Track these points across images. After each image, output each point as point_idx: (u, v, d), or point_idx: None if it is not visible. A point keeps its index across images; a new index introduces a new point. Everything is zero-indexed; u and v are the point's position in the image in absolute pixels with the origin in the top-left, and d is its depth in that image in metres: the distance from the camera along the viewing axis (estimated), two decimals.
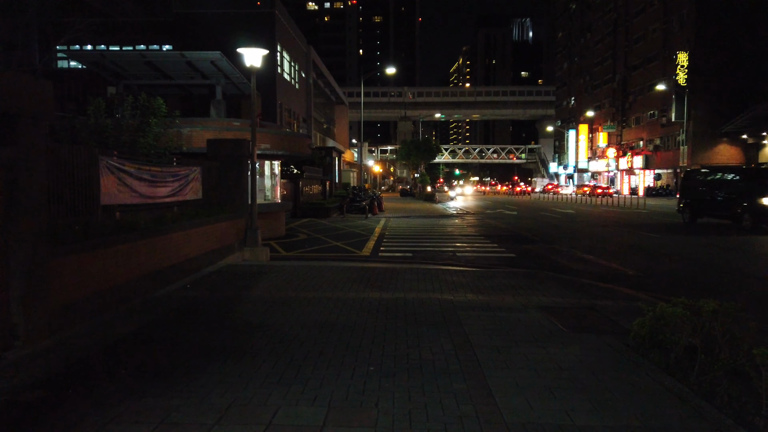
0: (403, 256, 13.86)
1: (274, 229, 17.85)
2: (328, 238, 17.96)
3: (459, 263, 12.48)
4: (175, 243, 8.89)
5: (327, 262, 12.01)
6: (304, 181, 30.25)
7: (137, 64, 17.68)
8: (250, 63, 12.36)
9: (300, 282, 9.16)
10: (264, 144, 16.04)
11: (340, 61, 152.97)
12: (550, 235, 19.50)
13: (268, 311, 7.10)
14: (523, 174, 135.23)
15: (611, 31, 77.83)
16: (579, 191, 71.73)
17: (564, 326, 6.46)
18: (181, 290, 8.36)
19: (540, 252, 14.89)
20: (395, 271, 10.46)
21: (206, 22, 33.75)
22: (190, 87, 20.52)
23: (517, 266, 12.04)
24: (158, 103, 12.86)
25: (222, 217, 11.39)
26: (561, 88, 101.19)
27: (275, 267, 10.89)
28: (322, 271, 10.36)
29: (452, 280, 9.57)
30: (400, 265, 11.82)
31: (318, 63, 56.80)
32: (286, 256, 13.72)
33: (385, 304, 7.58)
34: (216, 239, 10.94)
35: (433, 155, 68.90)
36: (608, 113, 78.86)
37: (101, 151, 7.60)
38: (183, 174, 10.34)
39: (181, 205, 10.45)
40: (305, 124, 53.28)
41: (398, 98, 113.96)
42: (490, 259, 13.48)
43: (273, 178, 18.13)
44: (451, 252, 14.67)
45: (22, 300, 5.27)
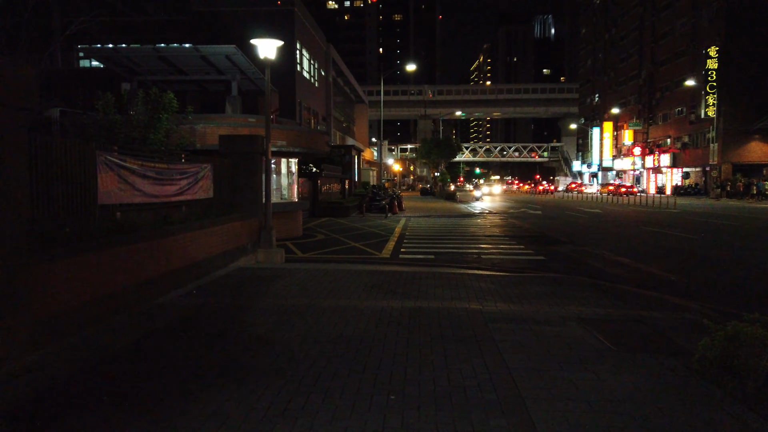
0: (424, 259, 13.11)
1: (291, 229, 17.24)
2: (346, 239, 17.30)
3: (485, 267, 11.70)
4: (181, 245, 8.28)
5: (344, 265, 11.32)
6: (322, 180, 29.65)
7: (151, 60, 17.20)
8: (264, 55, 11.74)
9: (314, 288, 8.48)
10: (280, 141, 15.43)
11: (360, 60, 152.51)
12: (579, 236, 18.57)
13: (278, 322, 6.42)
14: (545, 173, 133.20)
15: (637, 26, 75.90)
16: (603, 190, 70.05)
17: (612, 343, 5.66)
18: (185, 297, 7.74)
19: (571, 254, 14.02)
20: (417, 276, 9.73)
21: (225, 19, 33.36)
22: (206, 83, 20.01)
23: (548, 270, 11.21)
24: (169, 97, 12.29)
25: (234, 217, 10.77)
26: (584, 85, 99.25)
27: (289, 270, 10.24)
28: (339, 275, 9.67)
29: (479, 286, 8.80)
30: (421, 268, 11.08)
31: (338, 61, 56.27)
32: (301, 258, 13.07)
33: (407, 314, 6.85)
34: (227, 240, 10.33)
35: (453, 154, 67.89)
36: (634, 110, 76.96)
37: (99, 145, 7.00)
38: (192, 172, 9.74)
39: (189, 204, 9.85)
40: (325, 123, 52.81)
41: (418, 96, 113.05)
42: (518, 262, 12.66)
43: (290, 176, 17.51)
44: (475, 254, 13.88)
45: None
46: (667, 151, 66.69)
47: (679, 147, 64.45)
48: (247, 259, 11.41)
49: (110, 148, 7.35)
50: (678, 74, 64.19)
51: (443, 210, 34.05)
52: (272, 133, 15.35)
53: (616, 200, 48.93)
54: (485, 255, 13.70)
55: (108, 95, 11.85)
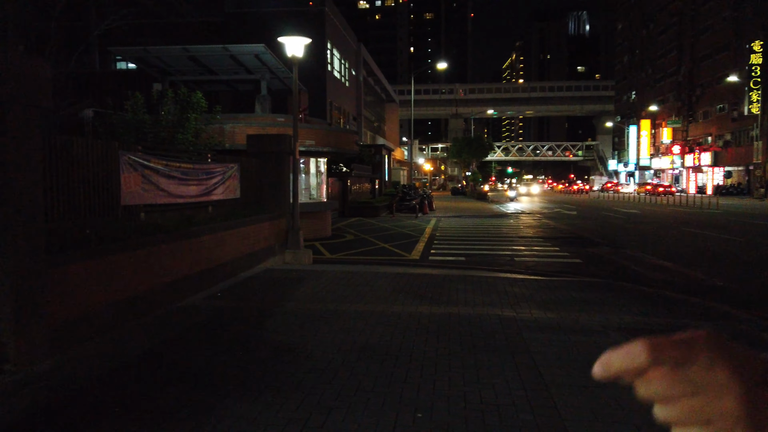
0: (455, 261, 12.74)
1: (319, 229, 17.06)
2: (375, 240, 17.03)
3: (518, 270, 11.27)
4: (206, 246, 8.12)
5: (373, 267, 11.05)
6: (352, 180, 29.48)
7: (182, 60, 17.25)
8: (291, 52, 11.55)
9: (341, 291, 8.22)
10: (308, 140, 15.26)
11: (391, 60, 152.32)
12: (617, 237, 17.89)
13: (302, 328, 6.18)
14: (579, 172, 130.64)
15: (676, 21, 73.62)
16: (640, 190, 68.16)
17: None
18: (209, 299, 7.57)
19: (609, 257, 13.44)
20: (447, 279, 9.38)
21: (256, 21, 33.61)
22: (235, 83, 20.01)
23: (585, 274, 10.72)
24: (197, 97, 12.23)
25: (261, 218, 10.61)
26: (621, 82, 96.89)
27: (316, 272, 10.01)
28: (367, 278, 9.39)
29: (512, 291, 8.40)
30: (452, 271, 10.72)
31: (368, 60, 56.17)
32: (329, 259, 12.86)
33: (436, 321, 6.52)
34: (254, 241, 10.17)
35: (485, 153, 67.07)
36: (672, 107, 74.69)
37: (122, 145, 6.88)
38: (218, 171, 9.60)
39: (216, 204, 9.72)
40: (355, 122, 52.77)
41: (449, 95, 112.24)
42: (553, 265, 12.18)
43: (318, 176, 17.34)
44: (508, 256, 13.44)
45: (13, 316, 4.53)
46: (708, 149, 64.48)
47: (720, 145, 62.21)
48: (274, 260, 11.24)
49: (134, 148, 7.23)
50: (719, 70, 61.98)
51: (475, 210, 33.52)
52: (300, 133, 15.19)
53: (654, 200, 47.48)
54: (518, 257, 13.25)
55: (137, 95, 11.85)
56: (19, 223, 4.52)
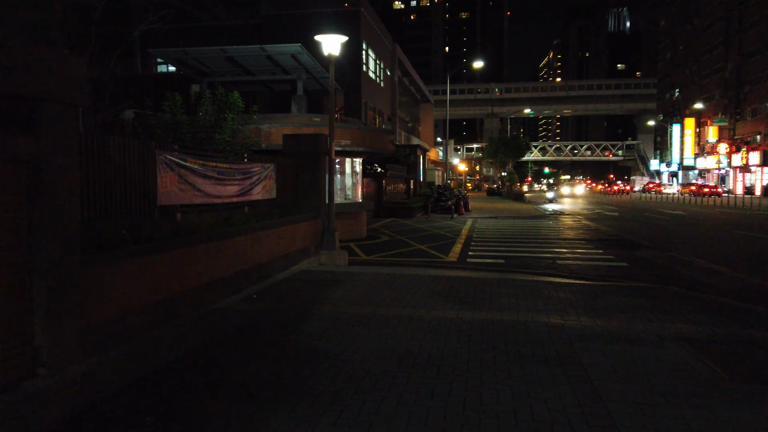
0: (494, 263, 12.37)
1: (355, 230, 16.89)
2: (411, 241, 16.76)
3: (561, 273, 10.83)
4: (242, 247, 8.01)
5: (409, 269, 10.79)
6: (387, 180, 29.28)
7: (219, 60, 17.34)
8: (327, 51, 11.40)
9: (378, 294, 7.98)
10: (344, 140, 15.10)
11: (426, 60, 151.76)
12: (664, 240, 17.16)
13: (339, 333, 5.96)
14: (618, 172, 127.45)
15: (722, 16, 70.95)
16: (684, 190, 65.96)
17: (726, 372, 4.81)
18: (244, 301, 7.44)
19: (656, 261, 12.84)
20: (487, 283, 9.04)
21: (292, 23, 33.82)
22: (272, 83, 20.00)
23: (634, 279, 10.22)
24: (234, 97, 12.20)
25: (297, 218, 10.47)
26: (663, 79, 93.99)
27: (352, 274, 9.81)
28: (404, 280, 9.13)
29: (557, 296, 8.02)
30: (492, 274, 10.37)
31: (403, 61, 55.94)
32: (365, 261, 12.65)
33: (479, 327, 6.22)
34: (290, 242, 10.03)
35: (522, 153, 65.96)
36: (719, 105, 71.99)
37: (159, 144, 6.80)
38: (255, 171, 9.49)
39: (252, 204, 9.62)
40: (390, 122, 52.62)
41: (485, 95, 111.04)
42: (598, 268, 11.68)
43: (354, 176, 17.17)
44: (550, 259, 12.98)
45: (47, 318, 4.44)
46: (756, 148, 61.85)
47: None
48: (309, 261, 11.09)
49: (171, 148, 7.15)
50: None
51: (511, 211, 32.89)
52: (336, 132, 15.04)
53: (700, 201, 45.77)
54: (561, 260, 12.77)
55: (176, 96, 11.88)
56: (54, 224, 4.43)
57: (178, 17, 33.82)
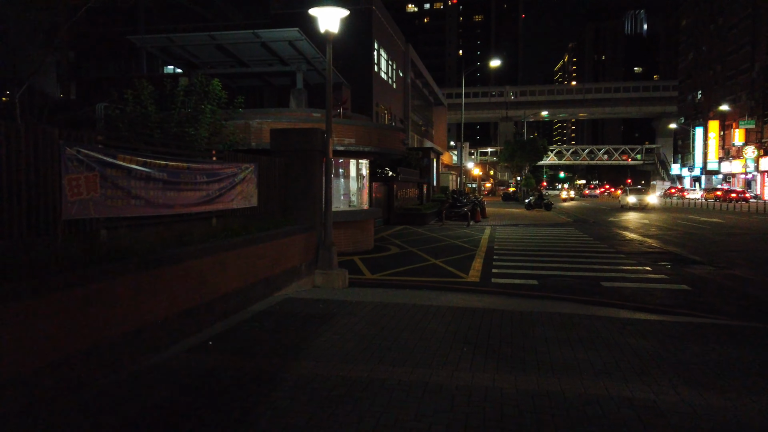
0: (525, 285, 10.23)
1: (360, 241, 14.84)
2: (424, 253, 14.67)
3: (613, 301, 8.67)
4: (198, 274, 5.98)
5: (422, 295, 8.69)
6: (398, 184, 27.24)
7: (209, 50, 15.39)
8: (325, 27, 9.40)
9: (379, 340, 5.89)
10: (347, 138, 13.08)
11: (440, 63, 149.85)
12: (713, 253, 14.88)
13: (312, 419, 3.89)
14: (636, 177, 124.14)
15: (749, 14, 68.10)
16: (709, 196, 63.15)
17: None
18: (194, 352, 5.38)
19: (719, 280, 10.63)
20: (525, 319, 6.91)
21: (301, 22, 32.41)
22: (270, 77, 18.03)
23: (706, 308, 8.04)
24: (214, 85, 10.26)
25: (284, 232, 8.43)
26: (685, 81, 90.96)
27: (350, 304, 7.72)
28: (415, 315, 7.02)
29: (626, 342, 5.87)
30: (526, 302, 8.24)
31: (417, 62, 54.11)
32: (369, 281, 10.57)
33: (528, 408, 4.10)
34: (272, 262, 7.99)
35: (539, 156, 63.55)
36: (745, 107, 69.00)
37: (65, 134, 4.78)
38: (226, 174, 7.47)
39: (223, 215, 7.60)
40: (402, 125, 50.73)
41: (499, 98, 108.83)
42: (654, 293, 9.49)
43: (360, 180, 15.14)
44: (591, 279, 10.80)
45: None
46: None
47: None
48: (300, 283, 9.03)
49: (91, 139, 5.14)
50: None
51: (531, 217, 30.63)
52: (339, 129, 13.04)
53: (728, 207, 43.07)
54: (605, 281, 10.58)
55: (143, 84, 9.98)
56: None
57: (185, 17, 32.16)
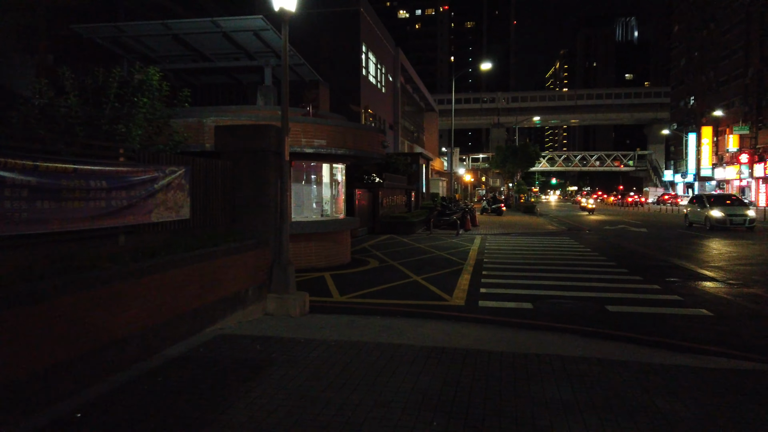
0: (518, 310, 8.70)
1: (334, 255, 13.28)
2: (406, 268, 13.12)
3: (624, 333, 7.15)
4: (71, 315, 4.40)
5: (394, 325, 7.13)
6: (384, 191, 25.73)
7: (165, 42, 13.79)
8: (279, 5, 7.89)
9: (319, 405, 4.32)
10: (318, 139, 11.54)
11: (431, 69, 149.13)
12: (724, 267, 13.41)
13: None
14: (628, 183, 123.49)
15: (743, 18, 67.40)
16: None
17: None
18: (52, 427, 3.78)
19: (741, 303, 9.15)
20: (518, 368, 5.37)
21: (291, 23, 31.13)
22: (238, 73, 16.42)
23: (741, 346, 6.53)
24: (150, 73, 8.72)
25: (222, 250, 6.86)
26: (677, 87, 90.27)
27: (297, 345, 6.14)
28: (376, 363, 5.45)
29: (654, 406, 4.34)
30: (521, 336, 6.70)
31: (407, 66, 52.88)
32: (335, 305, 8.99)
33: None
34: (204, 289, 6.42)
35: (531, 162, 62.22)
36: (738, 113, 68.16)
37: None
38: (140, 179, 5.90)
39: (137, 231, 6.02)
40: (392, 131, 49.39)
41: (491, 104, 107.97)
42: (668, 319, 7.99)
43: (334, 186, 13.59)
44: (594, 301, 9.28)
45: None
46: None
47: None
48: (246, 312, 7.44)
49: None
50: None
51: (523, 225, 29.18)
52: (308, 129, 11.50)
53: None
54: (610, 304, 9.07)
55: (63, 70, 8.42)
56: None
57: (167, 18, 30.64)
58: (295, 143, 11.37)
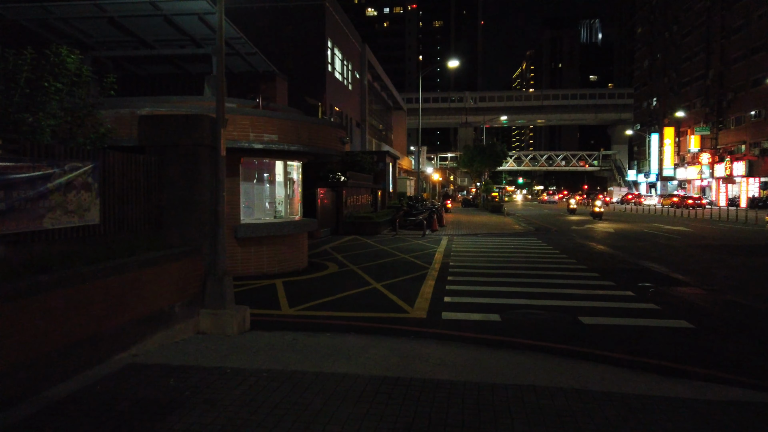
0: (485, 322, 7.87)
1: (289, 259, 12.25)
2: (366, 273, 12.20)
3: (600, 349, 6.36)
4: None
5: (342, 346, 6.20)
6: (348, 190, 24.76)
7: (100, 25, 12.48)
8: None
9: None
10: (268, 134, 10.50)
11: (400, 68, 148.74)
12: (694, 270, 12.89)
13: None
14: (593, 182, 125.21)
15: (703, 21, 68.61)
16: (665, 202, 63.14)
17: None
18: None
19: (719, 312, 8.52)
20: (483, 406, 4.50)
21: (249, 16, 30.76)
22: (185, 62, 15.15)
23: (730, 366, 5.80)
24: (64, 54, 7.55)
25: (137, 261, 5.81)
26: (640, 88, 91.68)
27: (221, 377, 5.13)
28: (312, 403, 4.49)
29: None
30: (487, 358, 5.84)
31: (374, 64, 51.95)
32: (281, 319, 7.99)
33: None
34: (110, 309, 5.36)
35: (499, 162, 62.01)
36: (700, 114, 69.42)
37: None
38: (25, 177, 4.82)
39: (24, 241, 4.94)
40: (359, 129, 48.44)
41: (459, 103, 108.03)
42: (648, 332, 7.26)
43: (289, 185, 12.57)
44: (566, 311, 8.50)
45: None
46: (741, 158, 59.13)
47: (756, 154, 56.94)
48: (171, 332, 6.40)
49: None
50: (754, 73, 56.96)
51: (491, 226, 28.58)
52: (256, 122, 10.45)
53: (687, 214, 42.24)
54: (583, 314, 8.30)
55: None
56: None
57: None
58: (243, 138, 10.32)
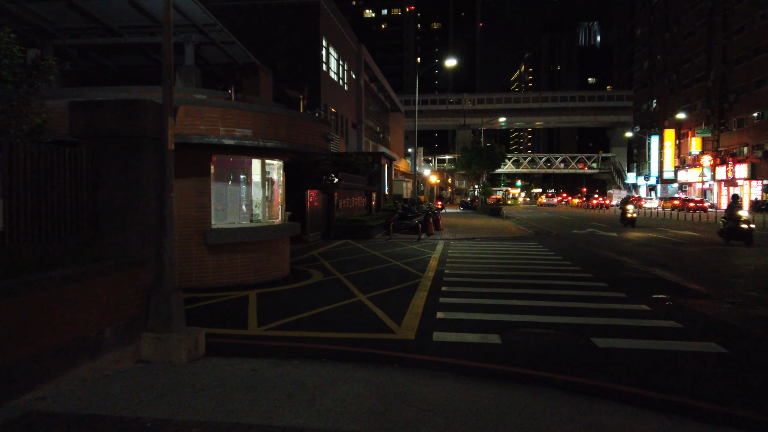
0: (483, 346, 6.73)
1: (268, 267, 11.11)
2: (353, 283, 11.06)
3: (625, 384, 5.23)
4: None
5: (309, 380, 5.07)
6: (340, 192, 23.64)
7: (59, 9, 11.25)
8: None
9: None
10: (240, 129, 9.37)
11: (397, 69, 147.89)
12: (715, 279, 11.78)
13: None
14: (592, 185, 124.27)
15: (705, 22, 67.68)
16: (666, 205, 62.13)
17: None
18: None
19: (751, 330, 7.41)
20: None
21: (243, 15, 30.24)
22: (156, 52, 13.99)
23: None
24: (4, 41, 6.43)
25: (48, 280, 4.66)
26: (640, 90, 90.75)
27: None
28: None
29: None
30: (486, 399, 4.70)
31: (371, 65, 50.95)
32: (245, 342, 6.84)
33: None
34: (13, 339, 4.22)
35: (497, 164, 60.94)
36: (701, 116, 68.45)
37: None
38: None
39: None
40: (355, 130, 47.44)
41: (457, 105, 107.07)
42: (675, 359, 6.13)
43: (268, 186, 11.43)
44: (576, 332, 7.37)
45: None
46: (743, 160, 58.12)
47: (759, 156, 55.91)
48: (99, 364, 5.24)
49: None
50: (756, 74, 56.01)
51: (489, 229, 27.47)
52: (227, 115, 9.32)
53: (691, 217, 41.16)
54: (596, 335, 7.16)
55: None
56: None
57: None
58: (212, 132, 9.19)
